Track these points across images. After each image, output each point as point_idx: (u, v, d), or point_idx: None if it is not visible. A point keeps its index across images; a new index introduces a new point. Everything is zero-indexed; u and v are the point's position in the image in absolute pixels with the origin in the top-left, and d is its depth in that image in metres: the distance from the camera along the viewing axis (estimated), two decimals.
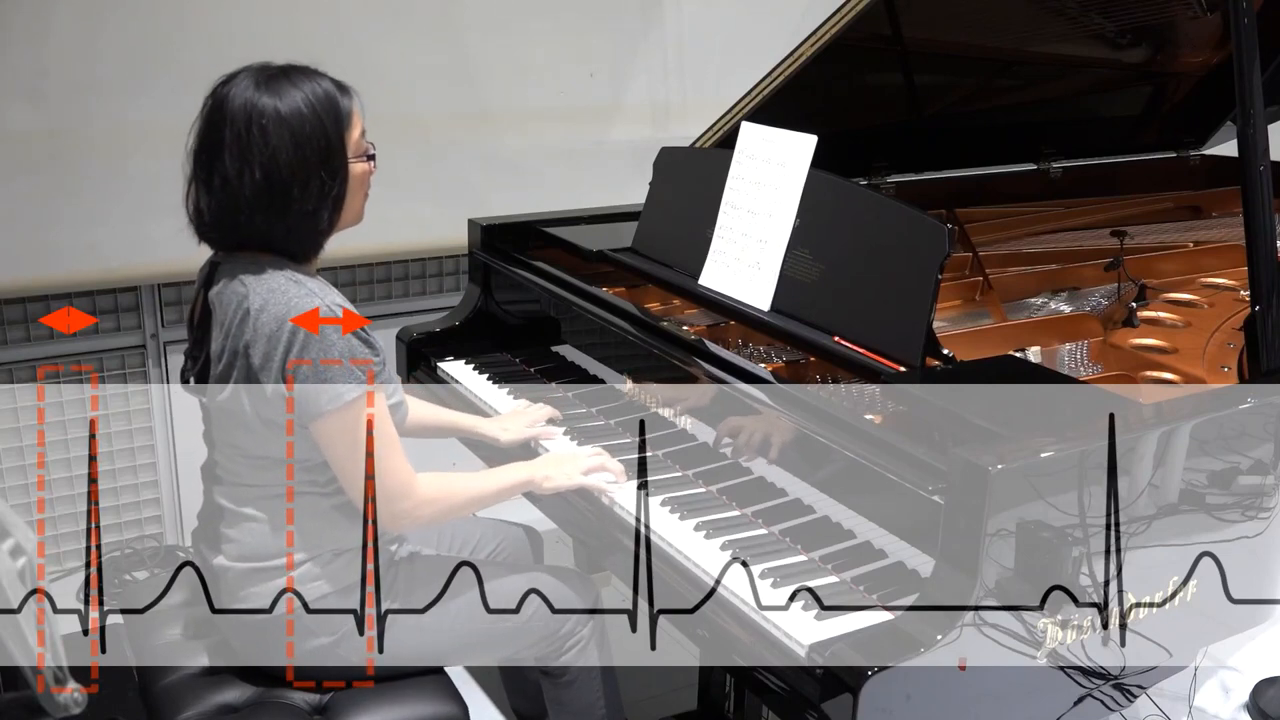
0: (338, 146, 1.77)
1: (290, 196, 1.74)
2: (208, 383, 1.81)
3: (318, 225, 1.79)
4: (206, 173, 1.75)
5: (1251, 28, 1.88)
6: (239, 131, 1.71)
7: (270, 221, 1.75)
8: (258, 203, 1.73)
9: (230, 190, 1.73)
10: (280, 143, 1.71)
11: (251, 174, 1.71)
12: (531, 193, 3.32)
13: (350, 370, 1.72)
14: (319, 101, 1.75)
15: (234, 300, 1.76)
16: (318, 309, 1.72)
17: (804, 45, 2.44)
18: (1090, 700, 1.73)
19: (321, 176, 1.75)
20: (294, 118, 1.73)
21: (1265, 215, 1.90)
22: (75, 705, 1.12)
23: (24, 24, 2.84)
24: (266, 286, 1.74)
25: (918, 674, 1.49)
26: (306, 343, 1.70)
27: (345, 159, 1.79)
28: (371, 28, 3.22)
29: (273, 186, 1.72)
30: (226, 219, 1.76)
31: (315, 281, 1.78)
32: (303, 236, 1.79)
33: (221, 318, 1.78)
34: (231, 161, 1.72)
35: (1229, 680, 2.82)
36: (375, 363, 1.76)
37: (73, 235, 3.00)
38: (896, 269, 1.91)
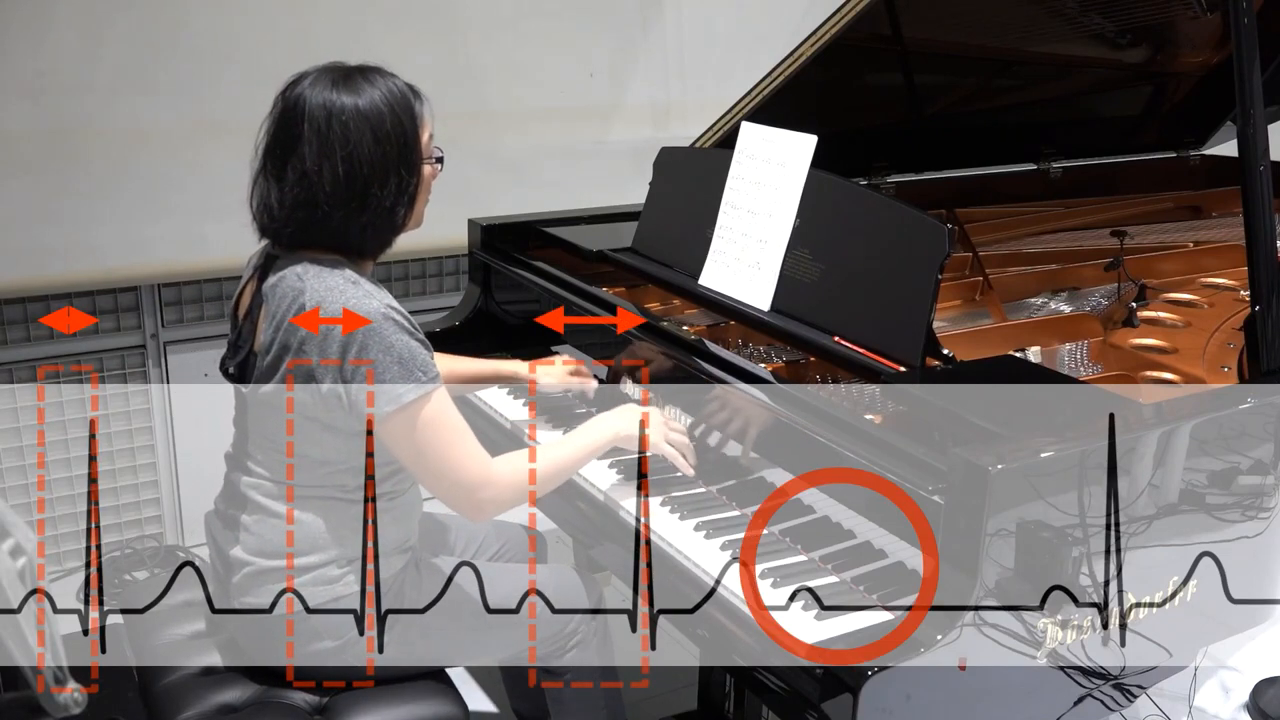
0: (414, 144, 1.79)
1: (369, 193, 1.74)
2: (250, 373, 1.80)
3: (394, 222, 1.80)
4: (279, 168, 1.75)
5: (1251, 28, 1.88)
6: (319, 127, 1.72)
7: (347, 217, 1.75)
8: (336, 198, 1.73)
9: (308, 184, 1.72)
10: (361, 138, 1.72)
11: (333, 169, 1.71)
12: (531, 193, 3.32)
13: (411, 372, 1.71)
14: (396, 100, 1.77)
15: (289, 294, 1.75)
16: (376, 308, 1.71)
17: (804, 45, 2.44)
18: (1090, 700, 1.73)
19: (400, 173, 1.76)
20: (374, 114, 1.74)
21: (1265, 215, 1.90)
22: (75, 705, 1.12)
23: (24, 24, 2.84)
24: (324, 285, 1.73)
25: (918, 674, 1.49)
26: (366, 343, 1.70)
27: (421, 157, 1.80)
28: (371, 28, 3.22)
29: (353, 182, 1.73)
30: (302, 214, 1.74)
31: (372, 284, 1.78)
32: (376, 234, 1.80)
33: (274, 310, 1.76)
34: (311, 157, 1.72)
35: (1229, 680, 2.82)
36: (432, 362, 1.76)
37: (72, 235, 3.00)
38: (896, 269, 1.91)
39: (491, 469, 1.81)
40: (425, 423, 1.73)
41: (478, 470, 1.79)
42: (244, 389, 1.84)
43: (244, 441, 1.88)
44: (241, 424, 1.89)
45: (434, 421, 1.74)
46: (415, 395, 1.71)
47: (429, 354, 1.76)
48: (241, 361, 1.83)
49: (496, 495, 1.82)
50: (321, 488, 1.81)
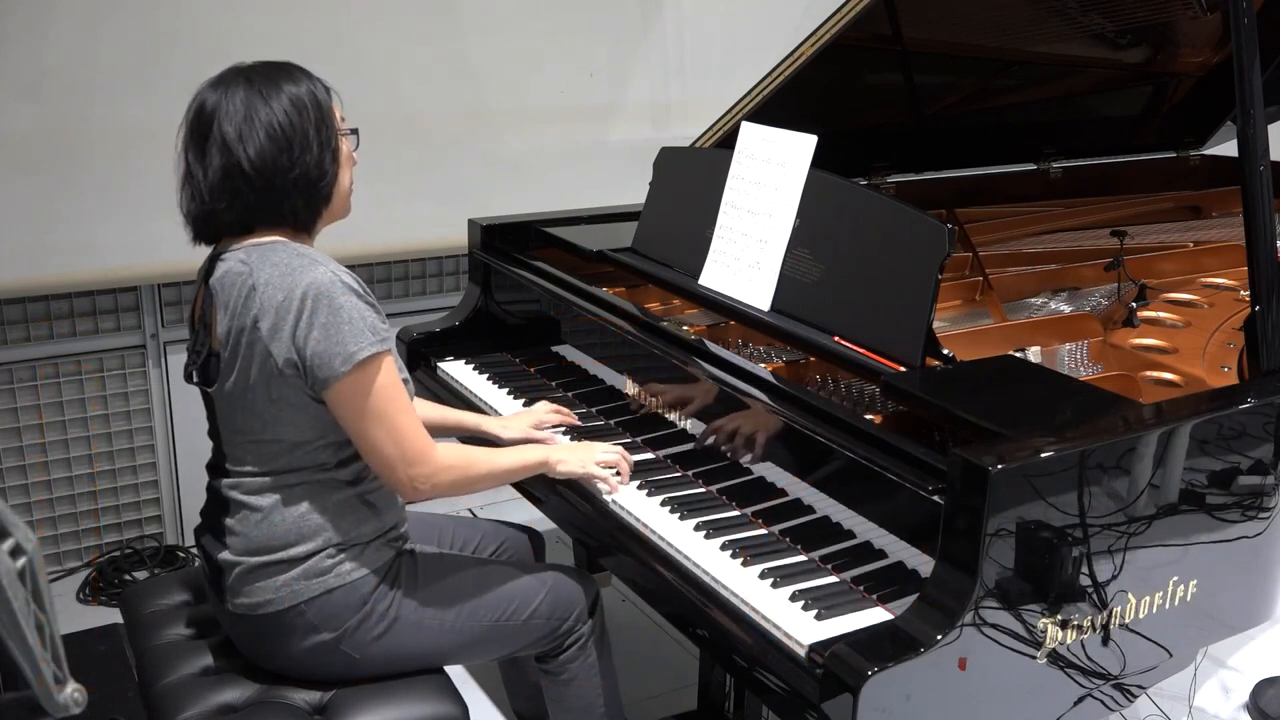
0: (329, 113, 1.84)
1: (293, 154, 1.77)
2: (214, 373, 1.81)
3: (321, 188, 1.82)
4: (200, 153, 1.78)
5: (1251, 28, 1.88)
6: (237, 103, 1.76)
7: (274, 184, 1.77)
8: (261, 164, 1.75)
9: (231, 155, 1.75)
10: (279, 106, 1.77)
11: (254, 135, 1.75)
12: (531, 193, 3.33)
13: (361, 332, 1.73)
14: (306, 79, 1.84)
15: (236, 281, 1.77)
16: (323, 274, 1.74)
17: (804, 45, 2.44)
18: (1090, 700, 1.73)
19: (321, 134, 1.80)
20: (289, 88, 1.80)
21: (1265, 215, 1.90)
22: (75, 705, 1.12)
23: (24, 24, 2.84)
24: (269, 262, 1.76)
25: (918, 674, 1.49)
26: (315, 307, 1.72)
27: (336, 126, 1.85)
28: (371, 27, 3.22)
29: (277, 145, 1.76)
30: (231, 184, 1.77)
31: (317, 254, 1.80)
32: (305, 200, 1.81)
33: (225, 300, 1.78)
34: (231, 129, 1.75)
35: (1229, 680, 2.82)
36: (385, 326, 1.78)
37: (73, 235, 3.00)
38: (896, 269, 1.91)
39: (433, 448, 1.83)
40: (376, 386, 1.75)
41: (421, 444, 1.81)
42: (209, 390, 1.85)
43: (219, 444, 1.90)
44: (214, 430, 1.91)
45: (384, 386, 1.76)
46: (368, 354, 1.73)
47: (379, 317, 1.78)
48: (204, 365, 1.84)
49: (431, 476, 1.83)
50: (301, 470, 1.82)
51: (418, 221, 3.40)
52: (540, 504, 2.24)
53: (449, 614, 1.92)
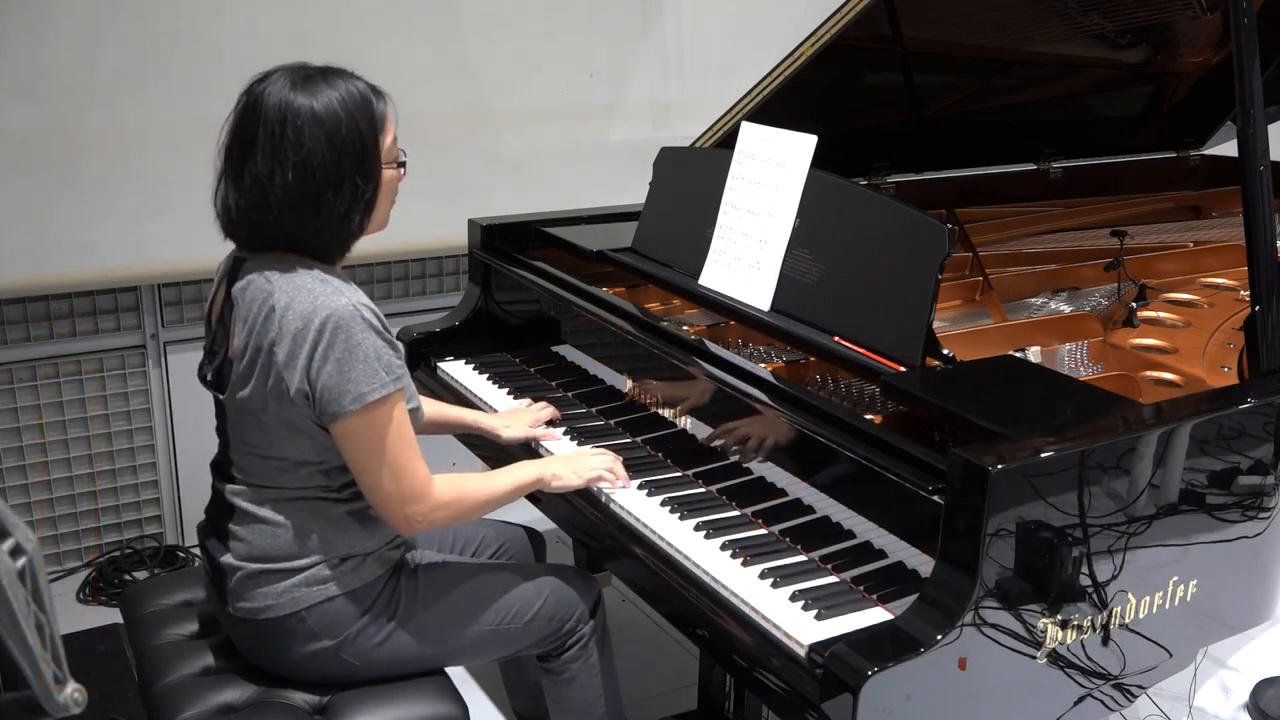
0: (372, 150, 1.76)
1: (322, 199, 1.72)
2: (227, 379, 1.80)
3: (348, 229, 1.78)
4: (237, 171, 1.74)
5: (1251, 28, 1.88)
6: (272, 130, 1.70)
7: (300, 223, 1.74)
8: (288, 203, 1.71)
9: (260, 189, 1.71)
10: (315, 145, 1.70)
11: (284, 175, 1.70)
12: (531, 193, 3.33)
13: (375, 371, 1.71)
14: (354, 104, 1.74)
15: (259, 297, 1.74)
16: (344, 306, 1.71)
17: (804, 45, 2.44)
18: (1090, 700, 1.73)
19: (356, 180, 1.74)
20: (329, 119, 1.71)
21: (1265, 215, 1.90)
22: (75, 705, 1.12)
23: (24, 24, 2.84)
24: (293, 285, 1.73)
25: (918, 674, 1.49)
26: (332, 340, 1.69)
27: (379, 164, 1.78)
28: (371, 27, 3.22)
29: (305, 188, 1.71)
30: (255, 217, 1.74)
31: (342, 281, 1.77)
32: (331, 239, 1.78)
33: (245, 314, 1.76)
34: (264, 161, 1.70)
35: (1229, 680, 2.82)
36: (400, 366, 1.76)
37: (72, 235, 3.00)
38: (896, 269, 1.91)
39: (431, 486, 1.81)
40: (384, 423, 1.73)
41: (420, 483, 1.79)
42: (222, 396, 1.84)
43: (225, 449, 1.89)
44: (222, 432, 1.89)
45: (391, 427, 1.74)
46: (379, 395, 1.71)
47: (396, 354, 1.76)
48: (218, 368, 1.83)
49: (428, 514, 1.81)
50: (304, 489, 1.81)
51: (418, 221, 3.38)
52: (540, 504, 2.24)
53: (450, 621, 1.92)
